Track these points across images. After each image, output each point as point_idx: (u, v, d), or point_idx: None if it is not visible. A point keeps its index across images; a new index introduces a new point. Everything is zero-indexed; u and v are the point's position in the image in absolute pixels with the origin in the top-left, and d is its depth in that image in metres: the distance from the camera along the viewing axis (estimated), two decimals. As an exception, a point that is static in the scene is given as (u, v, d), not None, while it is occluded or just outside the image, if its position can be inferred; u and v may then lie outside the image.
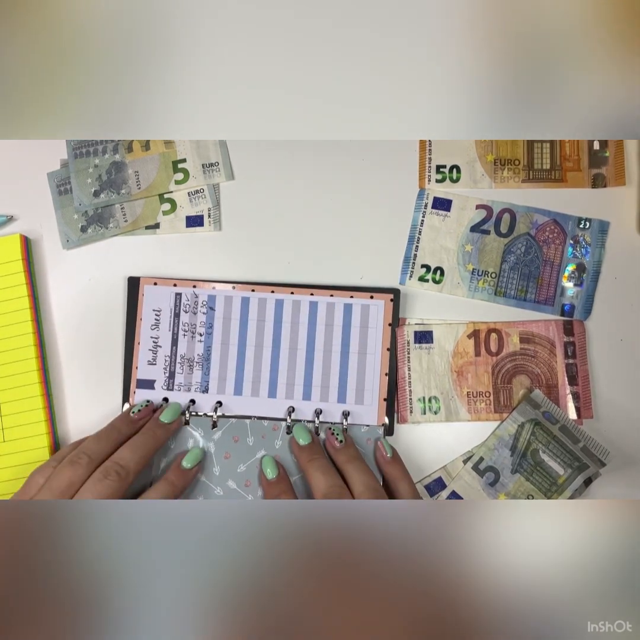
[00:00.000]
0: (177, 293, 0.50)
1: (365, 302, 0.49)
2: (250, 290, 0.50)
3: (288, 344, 0.49)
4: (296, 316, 0.49)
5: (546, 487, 0.48)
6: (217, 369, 0.49)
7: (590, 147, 0.52)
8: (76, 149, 0.53)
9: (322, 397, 0.49)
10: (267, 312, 0.49)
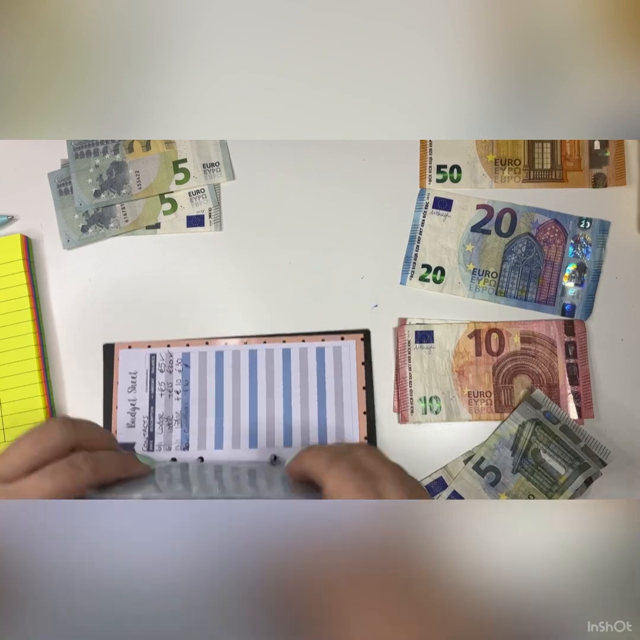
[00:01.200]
0: (152, 354, 0.50)
1: (337, 344, 0.50)
2: (224, 344, 0.50)
3: (265, 393, 0.49)
4: (270, 365, 0.49)
5: (547, 487, 0.48)
6: (197, 425, 0.49)
7: (590, 147, 0.52)
8: (77, 149, 0.53)
9: (303, 440, 0.49)
10: (242, 364, 0.50)
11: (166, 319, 0.52)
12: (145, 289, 0.52)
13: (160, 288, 0.52)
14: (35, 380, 0.50)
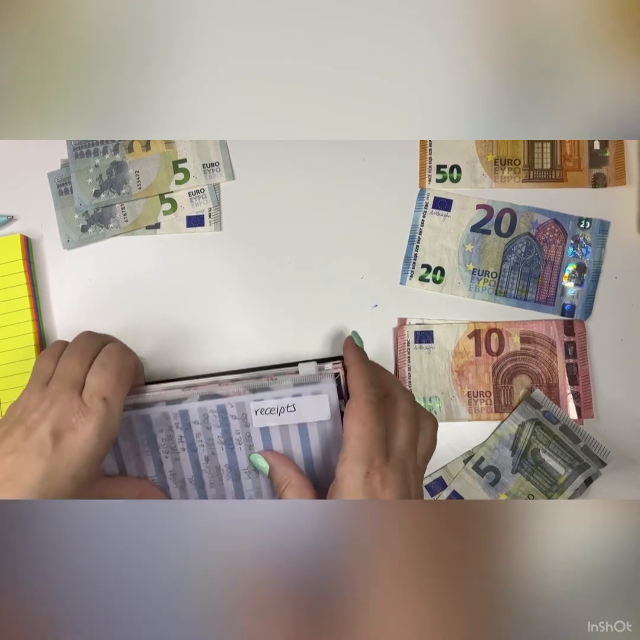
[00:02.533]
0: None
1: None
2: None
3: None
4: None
5: (547, 487, 0.48)
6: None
7: (590, 147, 0.52)
8: (77, 149, 0.53)
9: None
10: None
11: (166, 319, 0.52)
12: (145, 289, 0.52)
13: (160, 288, 0.52)
14: (35, 380, 0.50)
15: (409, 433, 0.38)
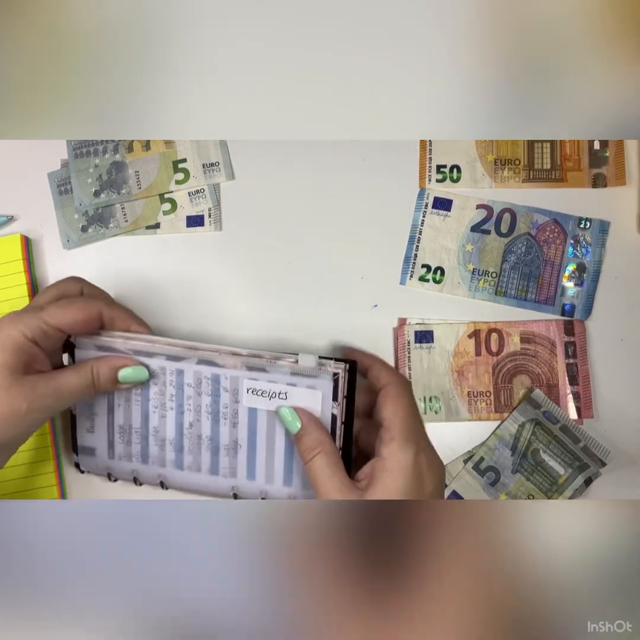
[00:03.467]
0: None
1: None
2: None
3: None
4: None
5: (547, 487, 0.48)
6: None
7: (590, 147, 0.52)
8: (76, 149, 0.53)
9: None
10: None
11: (166, 319, 0.52)
12: (145, 289, 0.52)
13: (160, 288, 0.52)
14: (35, 380, 0.50)
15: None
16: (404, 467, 0.36)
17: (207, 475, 0.45)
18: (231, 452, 0.44)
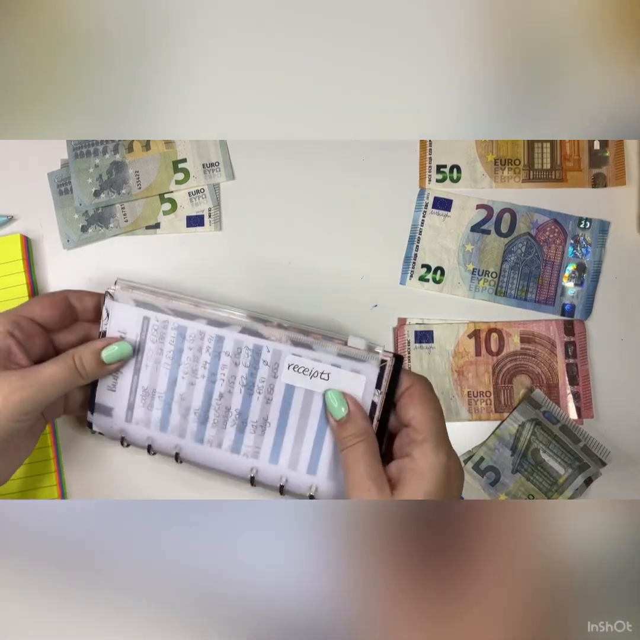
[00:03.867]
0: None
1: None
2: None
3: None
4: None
5: (547, 487, 0.48)
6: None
7: (590, 147, 0.52)
8: (77, 149, 0.53)
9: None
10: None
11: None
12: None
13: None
14: (35, 380, 0.50)
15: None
16: (436, 469, 0.36)
17: (228, 453, 0.43)
18: (258, 430, 0.42)
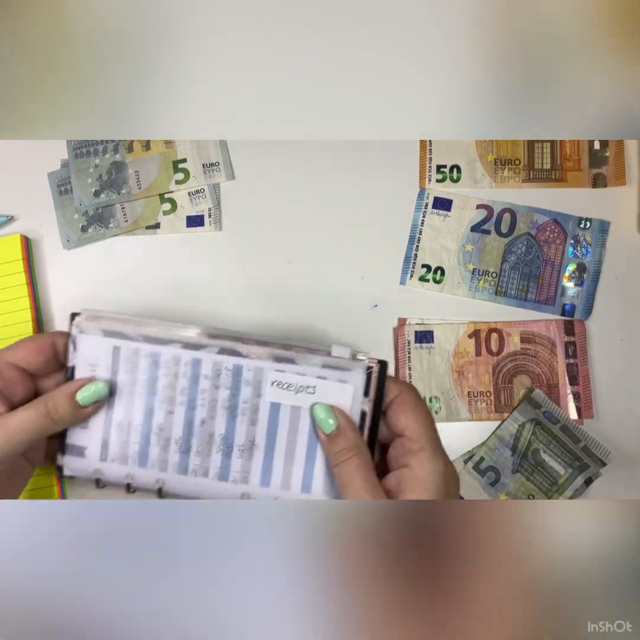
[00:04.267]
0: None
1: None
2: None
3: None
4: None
5: (547, 487, 0.48)
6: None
7: (590, 147, 0.52)
8: (77, 149, 0.53)
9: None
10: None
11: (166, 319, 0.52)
12: (145, 289, 0.52)
13: (159, 288, 0.52)
14: (35, 380, 0.50)
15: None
16: (435, 477, 0.36)
17: (215, 481, 0.40)
18: (246, 454, 0.40)
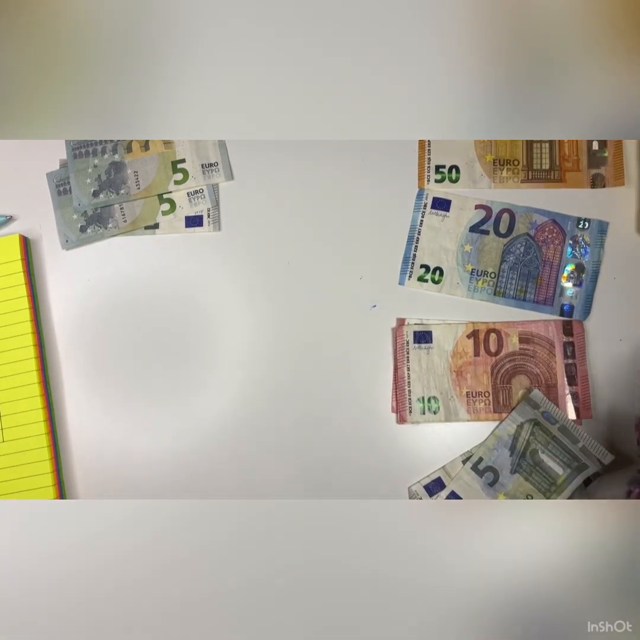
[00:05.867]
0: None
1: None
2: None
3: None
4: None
5: (545, 487, 0.48)
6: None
7: (589, 147, 0.52)
8: (75, 149, 0.53)
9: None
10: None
11: (165, 319, 0.52)
12: (144, 289, 0.52)
13: (158, 288, 0.52)
14: (33, 381, 0.50)
15: None
16: None
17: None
18: None
